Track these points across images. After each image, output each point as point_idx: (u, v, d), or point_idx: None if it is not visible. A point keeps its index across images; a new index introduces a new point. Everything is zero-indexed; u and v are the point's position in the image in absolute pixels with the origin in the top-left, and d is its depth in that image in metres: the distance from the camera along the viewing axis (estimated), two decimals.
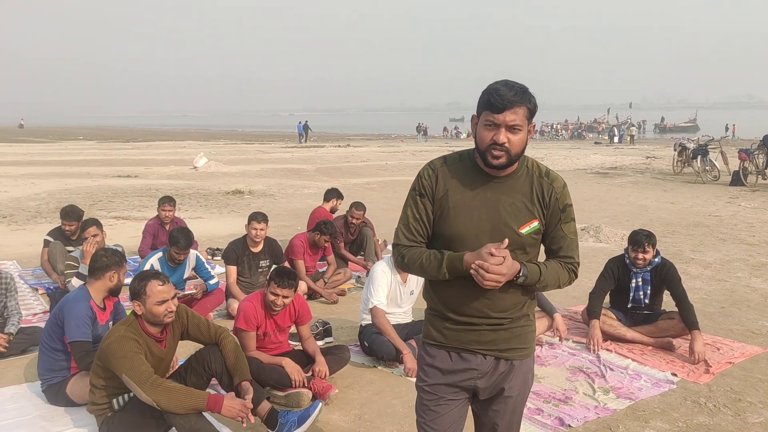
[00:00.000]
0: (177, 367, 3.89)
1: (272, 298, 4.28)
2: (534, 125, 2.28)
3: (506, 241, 2.16)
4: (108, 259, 4.20)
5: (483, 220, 2.25)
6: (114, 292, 4.27)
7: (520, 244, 2.26)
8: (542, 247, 2.40)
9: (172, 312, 3.51)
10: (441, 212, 2.29)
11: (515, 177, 2.28)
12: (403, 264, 2.36)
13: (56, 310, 4.14)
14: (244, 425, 3.45)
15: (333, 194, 8.42)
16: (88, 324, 4.02)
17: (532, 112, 2.20)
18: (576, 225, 2.38)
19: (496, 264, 2.11)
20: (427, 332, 2.44)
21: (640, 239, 5.10)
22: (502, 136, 2.15)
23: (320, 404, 3.83)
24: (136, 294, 3.47)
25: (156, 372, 3.50)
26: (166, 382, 3.34)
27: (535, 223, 2.27)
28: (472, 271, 2.14)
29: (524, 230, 2.26)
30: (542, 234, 2.33)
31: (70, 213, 7.10)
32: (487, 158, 2.20)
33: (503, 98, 2.13)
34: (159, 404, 3.25)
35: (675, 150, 20.39)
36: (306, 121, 50.17)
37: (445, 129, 60.36)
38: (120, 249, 6.27)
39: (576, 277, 2.37)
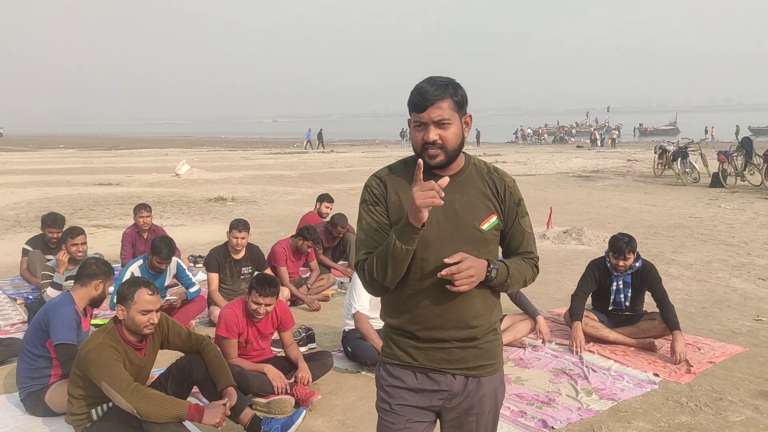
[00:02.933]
0: (155, 377, 3.85)
1: (254, 306, 4.25)
2: (470, 117, 2.19)
3: (457, 255, 2.05)
4: (97, 268, 4.18)
5: (441, 222, 2.14)
6: (96, 302, 4.23)
7: (482, 240, 2.18)
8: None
9: (153, 324, 3.48)
10: (398, 220, 2.11)
11: (464, 174, 2.21)
12: (366, 276, 2.13)
13: (40, 315, 4.08)
14: (218, 429, 3.41)
15: (323, 199, 8.41)
16: (74, 328, 3.99)
17: (459, 104, 2.12)
18: (530, 220, 2.31)
19: (426, 189, 1.94)
20: (389, 352, 2.25)
21: (621, 247, 5.10)
22: (432, 134, 2.08)
23: (304, 411, 3.81)
24: (123, 298, 3.43)
25: (136, 380, 3.46)
26: (147, 389, 3.31)
27: (494, 218, 2.19)
28: (427, 201, 1.93)
29: (485, 226, 2.17)
30: (500, 231, 2.24)
31: (57, 220, 7.04)
32: (424, 159, 2.09)
33: (424, 95, 2.07)
34: (140, 412, 3.21)
35: (655, 153, 20.59)
36: (321, 130, 50.08)
37: (402, 134, 55.89)
38: (98, 256, 6.19)
39: (538, 272, 2.30)
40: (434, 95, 2.07)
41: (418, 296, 2.15)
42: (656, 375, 4.56)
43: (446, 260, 2.04)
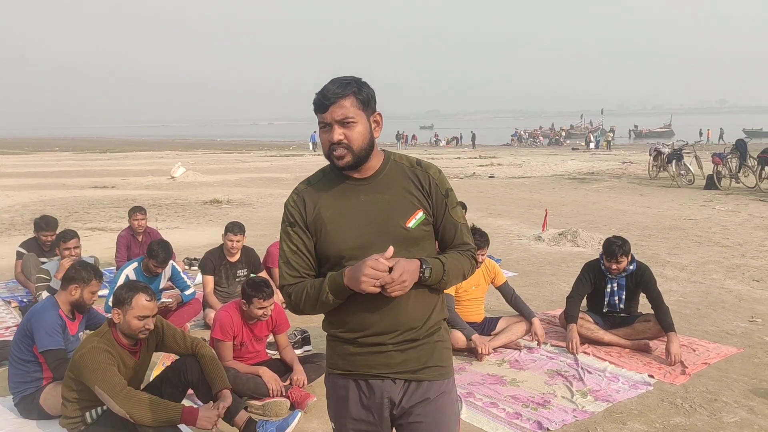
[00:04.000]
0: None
1: (260, 312, 4.24)
2: (379, 115, 2.12)
3: (390, 249, 1.97)
4: (75, 273, 4.13)
5: (365, 226, 2.06)
6: (76, 306, 4.16)
7: (411, 239, 2.08)
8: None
9: (148, 330, 3.46)
10: (319, 234, 2.10)
11: (384, 173, 2.13)
12: (292, 304, 2.13)
13: (24, 321, 4.08)
14: (213, 430, 3.40)
15: None
16: (59, 332, 3.96)
17: (364, 101, 2.05)
18: (462, 210, 2.24)
19: (376, 268, 1.92)
20: (331, 361, 2.20)
21: (614, 250, 5.10)
22: (336, 134, 2.01)
23: (299, 413, 3.81)
24: (120, 302, 3.41)
25: (130, 384, 3.45)
26: (139, 394, 3.30)
27: (420, 214, 2.10)
28: (369, 288, 1.93)
29: (411, 223, 2.08)
30: (432, 226, 2.15)
31: (50, 223, 7.00)
32: (333, 161, 2.05)
33: (324, 95, 2.01)
34: (132, 416, 3.20)
35: (650, 155, 20.65)
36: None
37: (398, 136, 55.24)
38: (92, 259, 6.17)
39: (477, 263, 2.23)
40: (335, 94, 2.01)
41: (351, 305, 2.06)
42: (651, 376, 4.56)
43: (377, 256, 1.95)
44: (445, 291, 2.24)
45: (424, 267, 2.02)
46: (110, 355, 3.36)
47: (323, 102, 2.02)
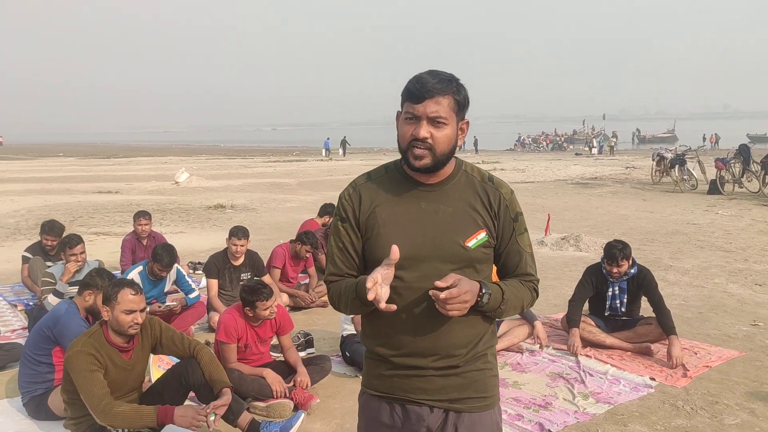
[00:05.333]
0: (149, 384, 3.86)
1: (266, 312, 4.28)
2: (467, 122, 1.95)
3: (450, 277, 1.81)
4: (91, 279, 4.18)
5: (420, 236, 1.90)
6: (90, 312, 4.20)
7: (468, 259, 1.91)
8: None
9: (137, 324, 3.46)
10: (370, 235, 1.95)
11: (452, 182, 1.96)
12: (332, 301, 2.03)
13: (47, 323, 4.09)
14: (211, 429, 3.42)
15: (327, 210, 8.30)
16: None
17: (460, 104, 1.89)
18: (530, 237, 2.06)
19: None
20: (366, 380, 2.06)
21: (614, 254, 5.13)
22: (423, 130, 1.84)
23: (302, 415, 3.84)
24: (107, 299, 3.45)
25: (125, 384, 3.51)
26: (116, 407, 3.30)
27: (482, 234, 1.92)
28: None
29: (471, 243, 1.90)
30: (494, 249, 1.98)
31: (53, 228, 7.04)
32: (409, 159, 1.88)
33: (424, 86, 1.84)
34: (113, 427, 3.27)
35: (653, 160, 20.66)
36: (344, 137, 50.28)
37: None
38: (97, 263, 6.21)
39: (537, 296, 2.05)
40: (435, 88, 1.84)
41: (392, 319, 1.90)
42: (653, 379, 4.59)
43: (438, 283, 1.79)
44: None
45: (483, 291, 1.84)
46: (94, 358, 3.35)
47: (421, 93, 1.84)
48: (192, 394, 3.79)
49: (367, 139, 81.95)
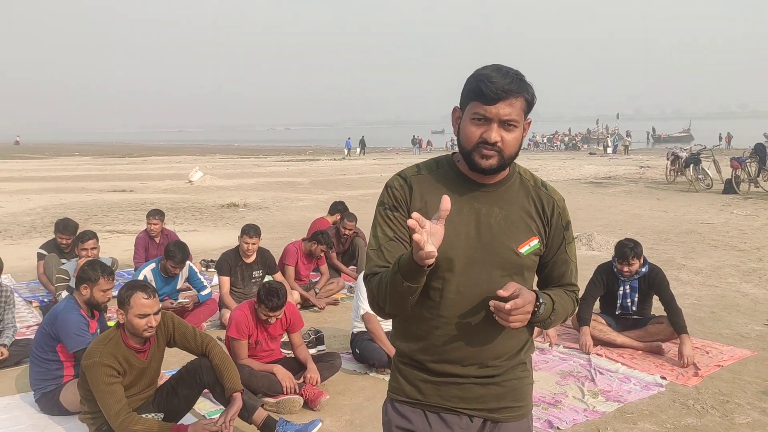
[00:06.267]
0: (165, 378, 3.89)
1: (264, 318, 4.34)
2: (530, 122, 1.85)
3: (511, 285, 1.73)
4: (83, 273, 4.18)
5: (473, 238, 1.80)
6: (90, 305, 4.21)
7: (519, 266, 1.84)
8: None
9: (152, 327, 3.48)
10: None
11: (508, 185, 1.87)
12: (372, 296, 1.81)
13: (47, 320, 4.16)
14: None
15: (338, 208, 8.33)
16: (86, 330, 4.06)
17: (530, 104, 1.79)
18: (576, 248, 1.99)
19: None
20: (396, 386, 1.93)
21: (625, 252, 5.10)
22: (495, 134, 1.74)
23: (320, 424, 3.82)
24: (121, 303, 3.46)
25: (142, 381, 3.55)
26: (133, 424, 3.32)
27: (535, 242, 1.86)
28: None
29: (523, 249, 1.83)
30: (541, 257, 1.90)
31: (67, 227, 7.11)
32: (474, 159, 1.77)
33: (497, 86, 1.72)
34: None
35: (668, 159, 20.51)
36: (362, 137, 50.72)
37: (414, 141, 54.52)
38: (110, 260, 6.26)
39: (578, 306, 2.02)
40: (510, 89, 1.73)
41: (434, 322, 1.82)
42: (663, 378, 4.57)
43: (500, 292, 1.71)
44: None
45: (541, 301, 1.77)
46: (112, 369, 3.37)
47: (495, 94, 1.72)
48: (206, 390, 3.82)
49: (381, 138, 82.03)
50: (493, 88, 1.72)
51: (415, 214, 1.55)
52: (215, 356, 3.70)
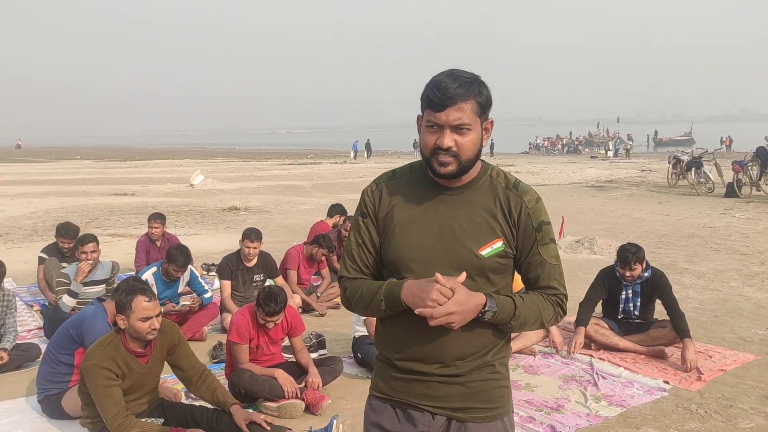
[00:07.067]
0: (168, 383, 3.83)
1: (262, 322, 4.33)
2: (492, 122, 1.87)
3: (463, 274, 1.78)
4: (125, 285, 4.20)
5: (434, 240, 1.85)
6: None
7: (480, 268, 1.84)
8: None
9: (155, 330, 3.47)
10: (385, 234, 1.91)
11: (474, 187, 1.89)
12: (345, 300, 1.97)
13: (73, 323, 4.12)
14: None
15: (337, 210, 8.36)
16: None
17: (483, 106, 1.81)
18: (557, 248, 1.95)
19: (443, 296, 1.72)
20: (373, 382, 2.02)
21: (627, 257, 5.08)
22: (447, 139, 1.77)
23: (335, 421, 3.78)
24: (121, 308, 3.43)
25: (142, 386, 3.53)
26: (130, 426, 3.31)
27: (499, 243, 1.85)
28: (417, 310, 1.74)
29: (485, 251, 1.83)
30: (515, 260, 1.91)
31: (68, 231, 7.09)
32: (433, 166, 1.82)
33: (445, 93, 1.75)
34: None
35: (669, 163, 20.49)
36: (368, 140, 51.06)
37: (416, 144, 56.78)
38: (110, 264, 6.25)
39: (564, 312, 1.94)
40: (456, 94, 1.76)
41: (398, 321, 1.88)
42: (666, 382, 4.55)
43: (438, 275, 1.75)
44: None
45: (486, 308, 1.78)
46: (110, 372, 3.35)
47: (442, 100, 1.76)
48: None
49: (384, 141, 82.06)
50: (439, 95, 1.76)
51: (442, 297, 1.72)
52: (211, 378, 3.73)
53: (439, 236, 1.85)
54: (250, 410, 3.84)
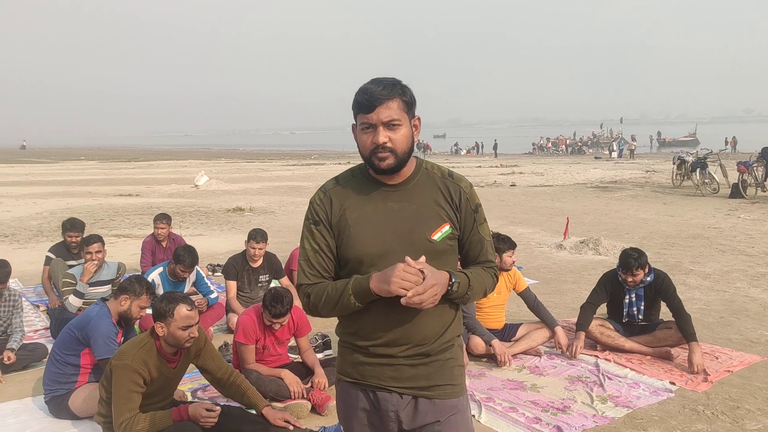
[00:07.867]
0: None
1: (268, 323, 4.34)
2: (419, 119, 2.08)
3: (422, 258, 1.94)
4: (129, 284, 4.22)
5: (388, 233, 2.01)
6: (123, 317, 4.23)
7: (434, 252, 2.02)
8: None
9: (193, 338, 3.52)
10: (341, 236, 2.05)
11: (414, 181, 2.08)
12: (310, 305, 2.07)
13: (78, 324, 4.14)
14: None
15: None
16: (115, 340, 4.06)
17: (408, 104, 2.01)
18: (488, 227, 2.19)
19: (415, 276, 1.87)
20: (341, 367, 2.16)
21: (630, 263, 5.04)
22: (381, 136, 1.95)
23: None
24: (162, 315, 3.45)
25: (164, 390, 3.57)
26: (134, 427, 3.33)
27: (447, 227, 2.05)
28: (398, 290, 1.87)
29: (436, 236, 2.03)
30: (458, 240, 2.11)
31: (74, 224, 7.10)
32: (373, 162, 1.99)
33: (372, 95, 1.95)
34: None
35: (674, 163, 20.44)
36: None
37: (418, 145, 56.30)
38: (116, 265, 6.27)
39: (497, 280, 2.19)
40: (382, 94, 1.95)
41: (364, 312, 2.01)
42: (672, 383, 4.54)
43: (408, 259, 1.90)
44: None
45: (453, 280, 1.97)
46: (139, 377, 3.38)
47: (370, 102, 1.95)
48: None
49: None
50: (367, 98, 1.96)
51: (408, 274, 1.86)
52: (240, 378, 3.80)
53: (393, 229, 2.02)
54: (281, 411, 3.86)
